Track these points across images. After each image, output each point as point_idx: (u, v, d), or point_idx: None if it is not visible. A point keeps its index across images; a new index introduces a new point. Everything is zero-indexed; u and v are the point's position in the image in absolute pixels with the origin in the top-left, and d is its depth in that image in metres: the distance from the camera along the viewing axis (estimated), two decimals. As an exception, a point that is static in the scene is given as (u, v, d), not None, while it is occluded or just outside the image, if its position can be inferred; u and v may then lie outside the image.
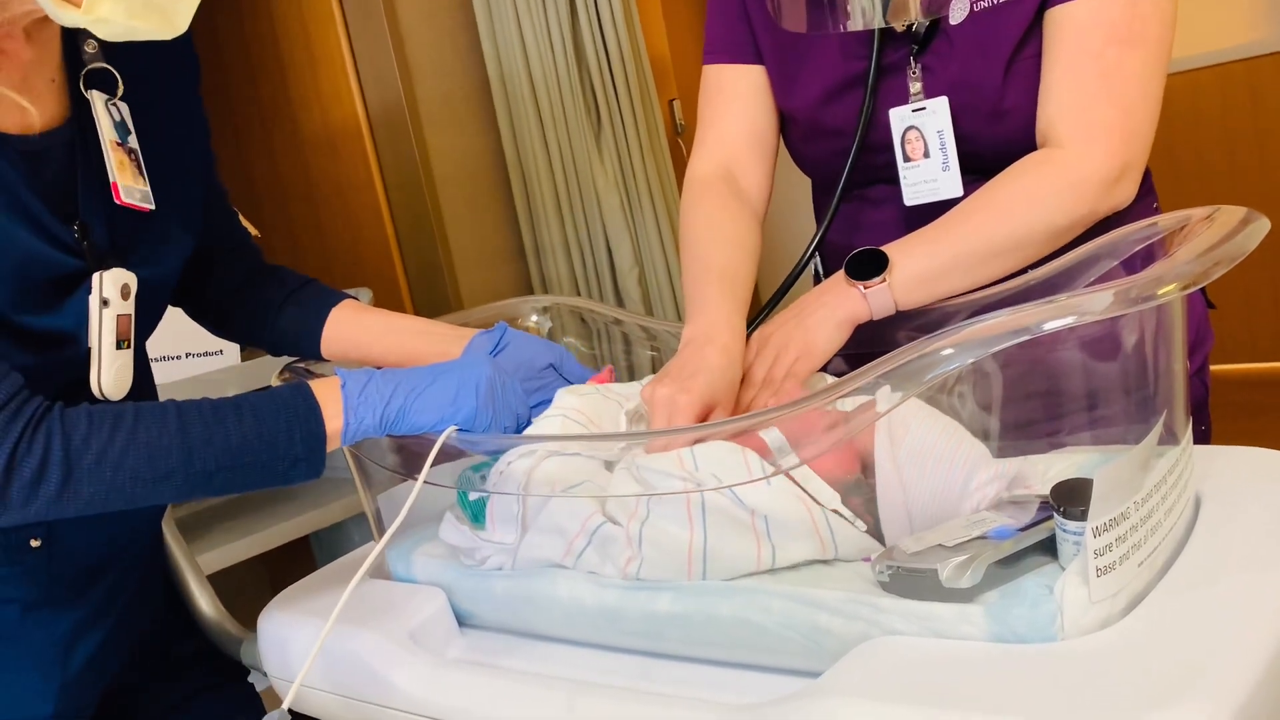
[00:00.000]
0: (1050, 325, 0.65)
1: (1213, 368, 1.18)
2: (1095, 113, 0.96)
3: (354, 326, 1.09)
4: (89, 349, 0.88)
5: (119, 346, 0.89)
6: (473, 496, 0.94)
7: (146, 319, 0.95)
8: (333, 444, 0.87)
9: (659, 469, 0.81)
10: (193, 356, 2.03)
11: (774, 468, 0.80)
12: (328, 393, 0.87)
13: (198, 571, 1.16)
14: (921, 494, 0.80)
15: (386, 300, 2.71)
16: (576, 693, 0.81)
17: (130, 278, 0.90)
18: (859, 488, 0.83)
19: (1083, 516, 0.66)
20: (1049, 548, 0.73)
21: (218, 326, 1.15)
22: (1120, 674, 0.62)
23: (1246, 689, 0.58)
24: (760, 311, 1.13)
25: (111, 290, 0.88)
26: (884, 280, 0.95)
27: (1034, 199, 0.96)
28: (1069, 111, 0.97)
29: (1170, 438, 0.75)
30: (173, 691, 1.08)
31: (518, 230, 3.03)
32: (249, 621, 1.10)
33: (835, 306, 0.97)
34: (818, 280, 1.25)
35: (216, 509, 2.24)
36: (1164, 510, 0.72)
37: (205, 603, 1.13)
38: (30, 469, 0.75)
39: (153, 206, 0.90)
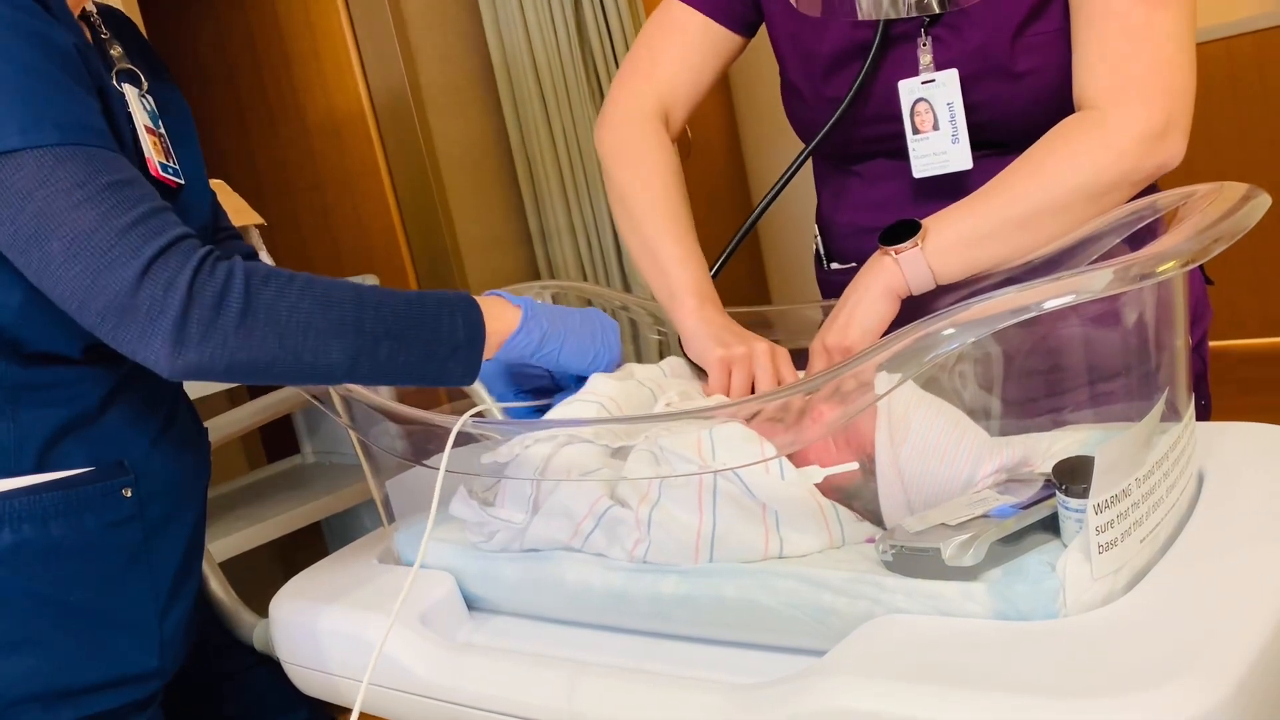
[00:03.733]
0: (1050, 304, 0.65)
1: (1212, 343, 1.17)
2: (1128, 70, 0.92)
3: None
4: None
5: None
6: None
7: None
8: (491, 345, 0.91)
9: (678, 453, 0.82)
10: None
11: (786, 457, 0.80)
12: (493, 301, 0.93)
13: (209, 558, 1.17)
14: (924, 492, 0.81)
15: (394, 287, 2.71)
16: (585, 674, 0.81)
17: None
18: (863, 485, 0.83)
19: (1084, 494, 0.67)
20: (1051, 525, 0.74)
21: None
22: (1123, 650, 0.62)
23: (1248, 664, 0.59)
24: (715, 265, 1.16)
25: None
26: (916, 244, 0.92)
27: (1072, 160, 0.92)
28: (1101, 73, 0.94)
29: (1172, 414, 0.75)
30: (225, 662, 1.10)
31: (524, 215, 3.03)
32: (261, 607, 1.11)
33: (871, 281, 0.95)
34: (818, 260, 1.25)
35: (230, 497, 2.26)
36: (1166, 487, 0.72)
37: (218, 587, 1.14)
38: (212, 293, 0.77)
39: (182, 181, 0.94)
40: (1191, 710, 0.56)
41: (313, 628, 0.97)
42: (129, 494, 0.93)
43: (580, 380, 0.99)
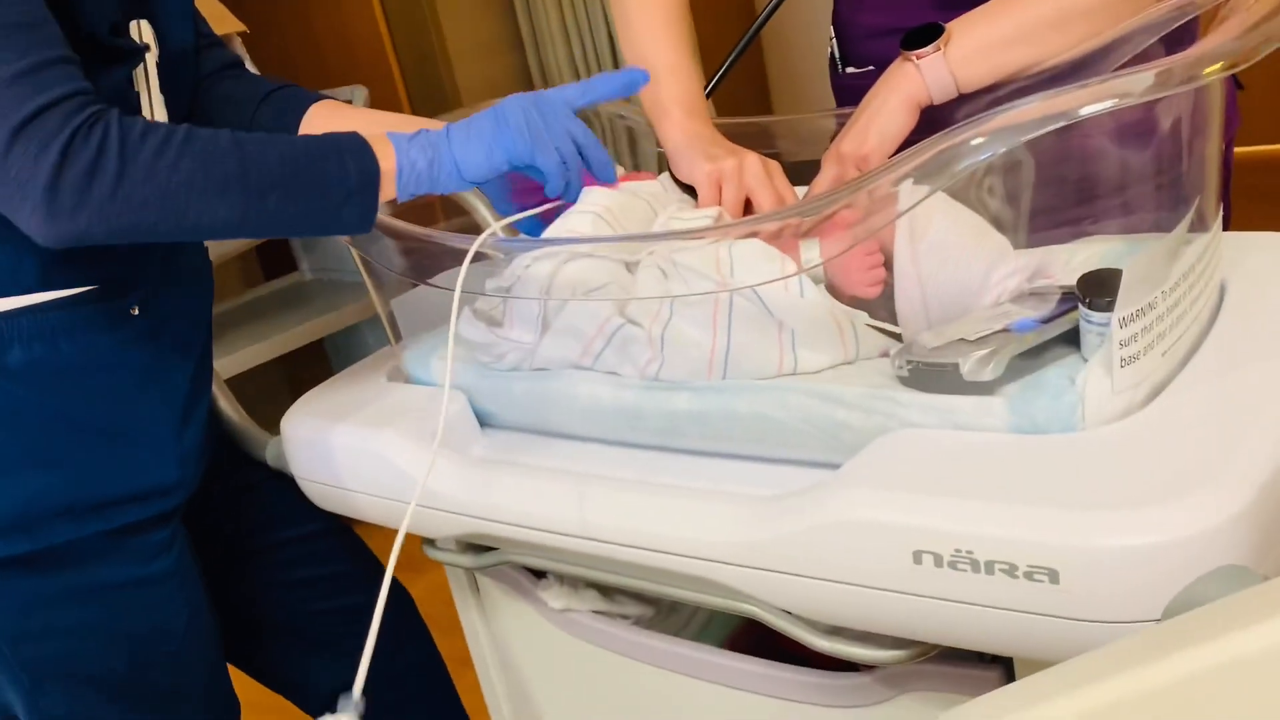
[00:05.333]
0: (1088, 110, 0.62)
1: (1236, 149, 1.14)
2: None
3: (331, 122, 1.07)
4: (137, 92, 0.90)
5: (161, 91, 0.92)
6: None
7: (175, 93, 0.96)
8: (386, 188, 0.85)
9: (695, 269, 0.80)
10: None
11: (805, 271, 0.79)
12: (378, 140, 0.86)
13: (217, 377, 1.17)
14: (940, 291, 0.79)
15: (382, 99, 2.62)
16: (600, 486, 0.82)
17: (150, 35, 0.91)
18: (885, 299, 0.82)
19: (1109, 307, 0.66)
20: (1071, 340, 0.73)
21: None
22: (1140, 462, 0.62)
23: (1266, 475, 0.59)
24: (713, 79, 1.10)
25: (150, 36, 0.90)
26: (937, 49, 0.88)
27: None
28: None
29: (1200, 225, 0.74)
30: (240, 475, 1.11)
31: (514, 18, 2.90)
32: (268, 424, 1.12)
33: (892, 89, 0.91)
34: (833, 64, 1.19)
35: (232, 314, 2.25)
36: (1190, 300, 0.71)
37: (227, 405, 1.15)
38: (85, 158, 0.74)
39: None
40: (1209, 521, 0.57)
41: (326, 444, 0.98)
42: (136, 313, 0.92)
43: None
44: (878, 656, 0.73)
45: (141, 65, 0.90)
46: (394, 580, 1.19)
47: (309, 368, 2.32)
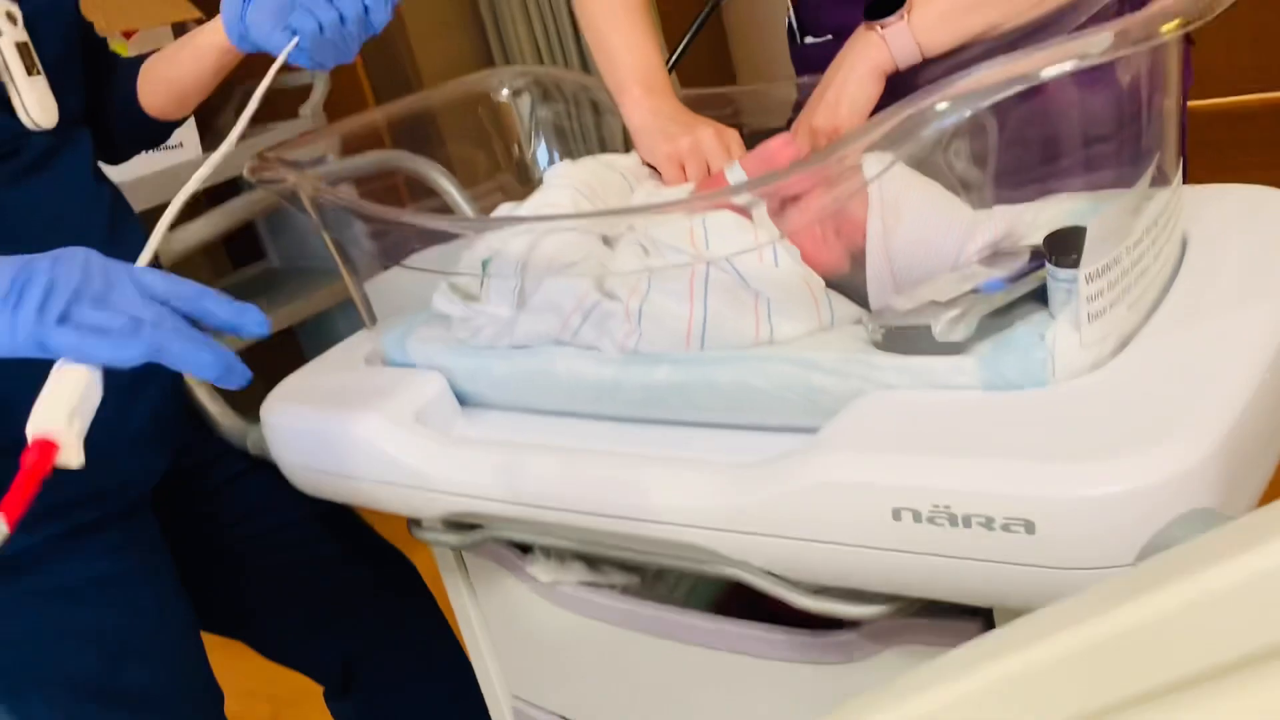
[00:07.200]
0: (1048, 72, 0.64)
1: (1190, 103, 1.16)
2: None
3: (155, 63, 1.08)
4: (2, 82, 0.89)
5: (30, 74, 0.91)
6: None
7: (51, 44, 0.95)
8: None
9: (670, 244, 0.81)
10: (150, 151, 1.97)
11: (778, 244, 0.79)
12: None
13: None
14: (910, 267, 0.80)
15: (342, 80, 2.60)
16: (581, 459, 0.84)
17: (11, 5, 0.91)
18: (851, 273, 0.83)
19: (1075, 264, 0.67)
20: (1039, 297, 0.74)
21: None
22: (1110, 413, 0.64)
23: (1230, 423, 0.61)
24: (675, 52, 1.10)
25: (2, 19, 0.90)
26: (901, 18, 0.89)
27: None
28: None
29: (1161, 179, 0.75)
30: (225, 467, 1.12)
31: (473, -4, 2.89)
32: (242, 413, 1.12)
33: (857, 60, 0.92)
34: (791, 34, 1.20)
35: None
36: (1153, 254, 0.73)
37: (204, 396, 1.14)
38: None
39: None
40: (1177, 467, 0.59)
41: (307, 429, 0.99)
42: None
43: None
44: (861, 613, 0.75)
45: None
46: (397, 550, 1.20)
47: (280, 355, 2.31)
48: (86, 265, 0.65)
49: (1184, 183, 0.98)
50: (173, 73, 1.07)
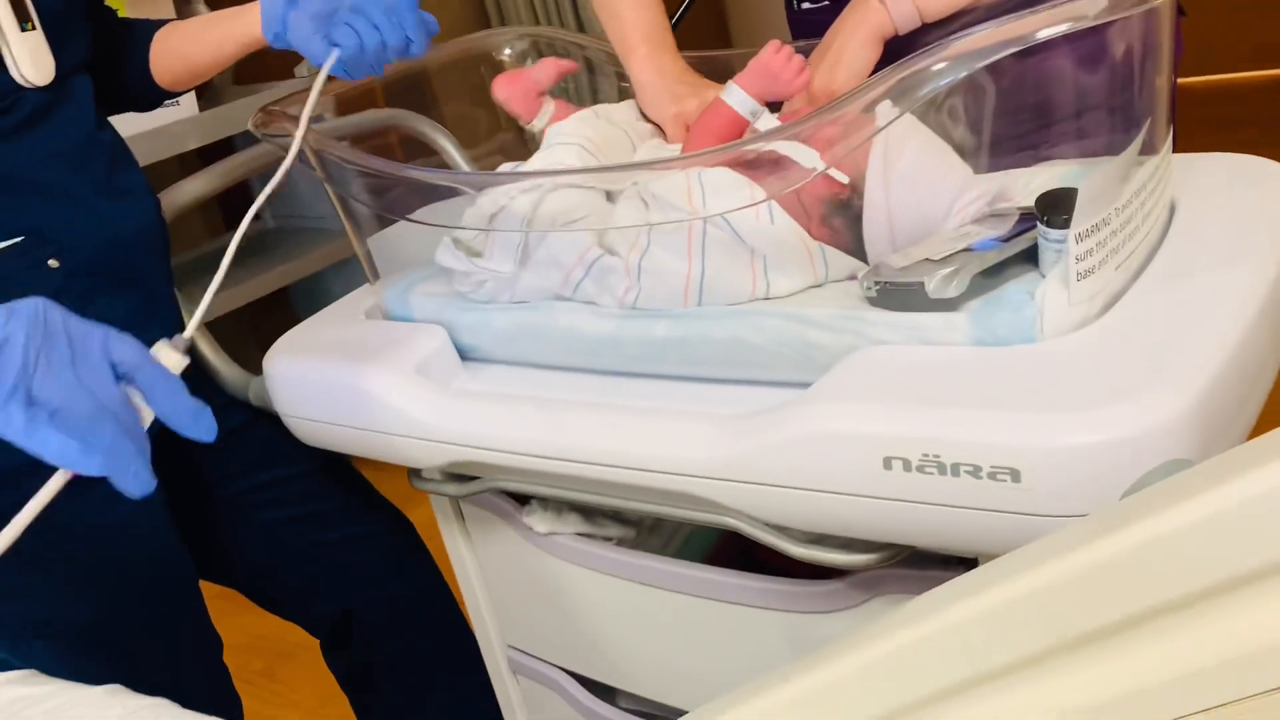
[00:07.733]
0: (1044, 33, 0.65)
1: (1182, 80, 1.17)
2: None
3: (174, 34, 1.08)
4: None
5: (24, 29, 0.90)
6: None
7: (62, 20, 0.95)
8: None
9: (667, 200, 0.82)
10: (148, 108, 1.97)
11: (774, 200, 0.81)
12: None
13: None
14: (906, 216, 0.82)
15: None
16: (580, 410, 0.86)
17: None
18: (844, 208, 0.85)
19: (1066, 225, 0.69)
20: (1030, 258, 0.76)
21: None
22: (1096, 368, 0.66)
23: (1211, 377, 0.63)
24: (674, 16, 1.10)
25: None
26: None
27: None
28: None
29: (1150, 147, 0.77)
30: (232, 416, 1.12)
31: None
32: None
33: (858, 23, 0.94)
34: (789, 5, 1.21)
35: (195, 264, 2.24)
36: (1142, 216, 0.75)
37: (207, 349, 1.16)
38: None
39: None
40: (1156, 419, 0.61)
41: (310, 380, 1.00)
42: (56, 265, 0.91)
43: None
44: (851, 561, 0.77)
45: None
46: (393, 505, 1.21)
47: (273, 315, 2.32)
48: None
49: (1176, 152, 1.00)
50: (194, 50, 1.07)
